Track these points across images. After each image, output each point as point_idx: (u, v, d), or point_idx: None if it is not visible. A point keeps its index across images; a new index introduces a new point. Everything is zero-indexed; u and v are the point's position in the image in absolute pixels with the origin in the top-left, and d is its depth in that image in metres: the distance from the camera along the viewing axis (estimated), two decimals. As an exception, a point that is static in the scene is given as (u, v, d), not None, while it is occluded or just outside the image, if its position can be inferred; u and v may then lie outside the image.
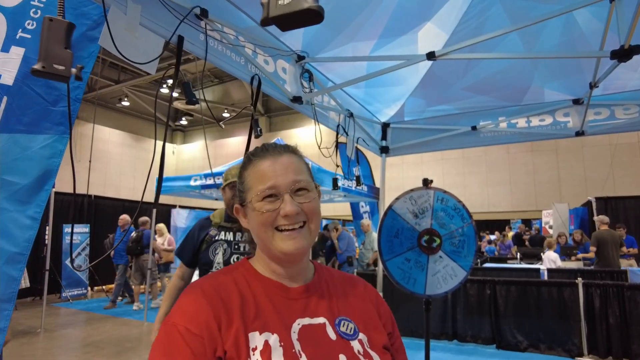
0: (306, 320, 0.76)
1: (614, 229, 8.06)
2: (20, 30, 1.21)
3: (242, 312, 0.73)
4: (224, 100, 18.71)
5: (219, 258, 2.06)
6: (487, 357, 5.07)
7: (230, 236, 2.10)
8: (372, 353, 0.77)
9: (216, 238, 2.10)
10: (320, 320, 0.77)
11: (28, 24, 1.23)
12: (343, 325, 0.78)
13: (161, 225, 8.07)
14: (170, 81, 14.02)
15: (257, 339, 0.70)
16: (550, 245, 7.70)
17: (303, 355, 0.70)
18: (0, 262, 1.09)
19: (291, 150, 0.85)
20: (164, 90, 15.09)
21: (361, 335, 0.79)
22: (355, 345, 0.76)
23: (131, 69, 15.30)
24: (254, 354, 0.68)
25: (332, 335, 0.76)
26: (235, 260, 2.02)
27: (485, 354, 5.17)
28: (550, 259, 7.33)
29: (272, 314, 0.74)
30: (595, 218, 7.81)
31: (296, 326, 0.74)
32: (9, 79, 1.17)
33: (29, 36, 1.21)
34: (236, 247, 2.08)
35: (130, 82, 16.14)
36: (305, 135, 18.80)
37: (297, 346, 0.71)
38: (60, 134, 1.23)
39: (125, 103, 17.66)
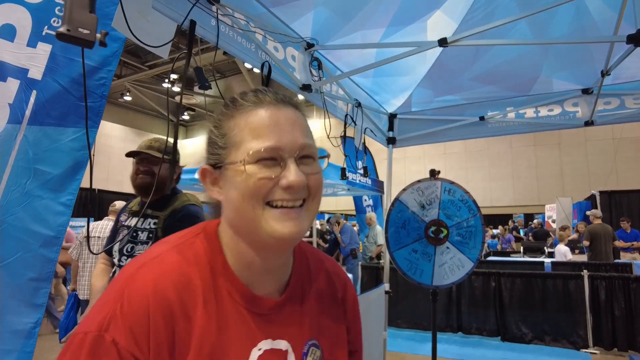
0: (268, 344, 0.63)
1: (618, 222, 8.09)
2: (46, 27, 1.23)
3: (201, 337, 0.57)
4: (226, 95, 18.69)
5: (117, 246, 1.83)
6: (492, 349, 5.09)
7: (133, 222, 1.85)
8: None
9: (123, 223, 1.89)
10: (282, 345, 0.64)
11: (53, 21, 1.24)
12: (311, 355, 0.67)
13: None
14: (172, 76, 14.00)
15: None
16: (561, 239, 7.74)
17: None
18: (37, 244, 1.15)
19: (293, 104, 0.65)
20: (166, 85, 15.06)
21: None
22: None
23: (133, 63, 15.25)
24: None
25: None
26: (129, 250, 1.76)
27: (490, 346, 5.19)
28: (561, 253, 7.36)
29: (233, 338, 0.60)
30: (589, 212, 7.87)
31: (256, 352, 0.61)
32: (37, 74, 1.20)
33: (54, 33, 1.27)
34: (134, 234, 1.79)
35: (132, 77, 16.09)
36: (311, 127, 18.75)
37: None
38: (89, 128, 1.28)
39: (127, 98, 17.63)
